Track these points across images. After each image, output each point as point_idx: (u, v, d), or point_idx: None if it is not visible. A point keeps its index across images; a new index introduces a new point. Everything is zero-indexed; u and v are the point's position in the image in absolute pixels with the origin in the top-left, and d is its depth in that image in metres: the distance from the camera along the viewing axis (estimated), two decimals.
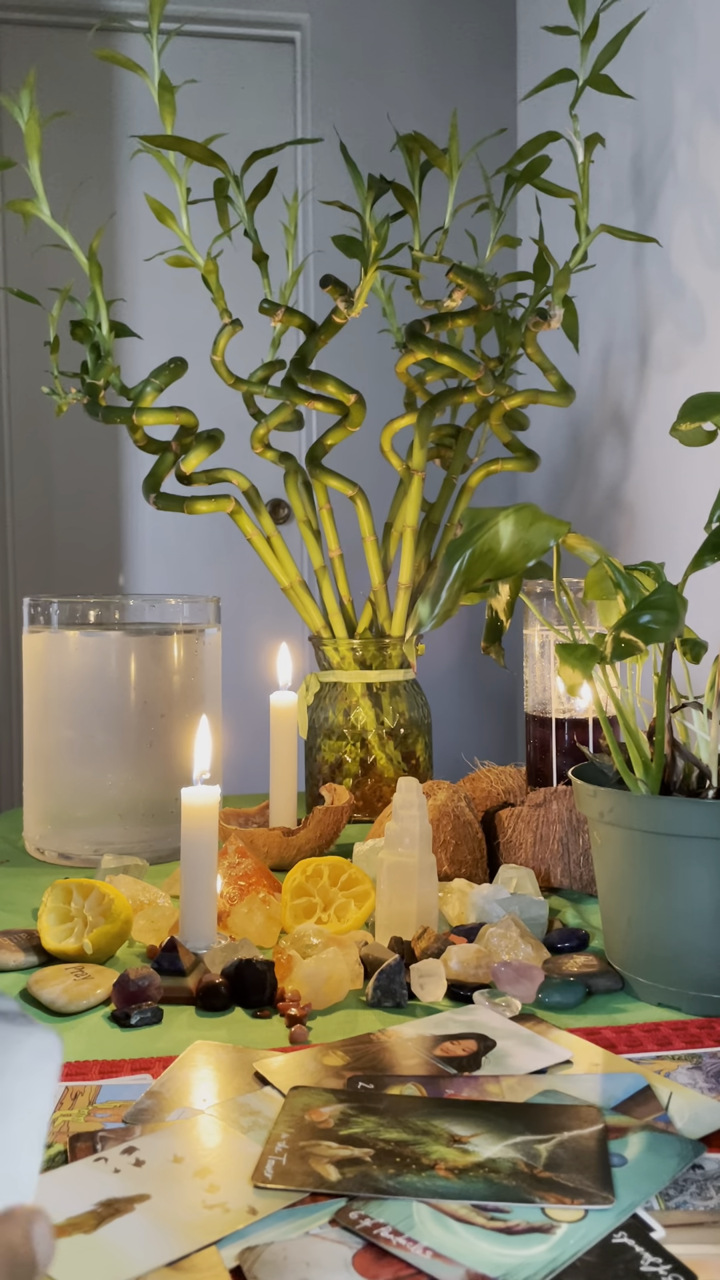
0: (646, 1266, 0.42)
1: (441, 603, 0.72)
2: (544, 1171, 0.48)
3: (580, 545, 0.78)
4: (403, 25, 2.34)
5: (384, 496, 1.47)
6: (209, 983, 0.69)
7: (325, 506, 1.23)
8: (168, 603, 1.09)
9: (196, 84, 2.18)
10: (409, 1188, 0.47)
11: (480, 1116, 0.53)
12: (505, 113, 2.29)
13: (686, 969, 0.67)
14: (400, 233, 2.06)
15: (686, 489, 1.45)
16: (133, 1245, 0.43)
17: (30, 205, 1.14)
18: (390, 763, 1.18)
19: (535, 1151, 0.50)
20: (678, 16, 1.45)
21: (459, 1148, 0.50)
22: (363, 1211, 0.46)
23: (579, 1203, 0.46)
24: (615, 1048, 0.62)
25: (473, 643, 2.39)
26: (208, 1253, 0.43)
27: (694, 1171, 0.49)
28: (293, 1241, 0.44)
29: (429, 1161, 0.49)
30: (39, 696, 1.05)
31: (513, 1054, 0.61)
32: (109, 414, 1.17)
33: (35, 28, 2.27)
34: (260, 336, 1.50)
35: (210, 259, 1.18)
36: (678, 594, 0.67)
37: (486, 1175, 0.48)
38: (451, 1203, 0.46)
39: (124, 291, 2.29)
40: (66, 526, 2.34)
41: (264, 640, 2.02)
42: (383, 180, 1.19)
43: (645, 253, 1.56)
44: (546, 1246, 0.43)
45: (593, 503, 1.77)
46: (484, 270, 1.22)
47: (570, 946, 0.77)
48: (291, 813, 1.05)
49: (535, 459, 1.26)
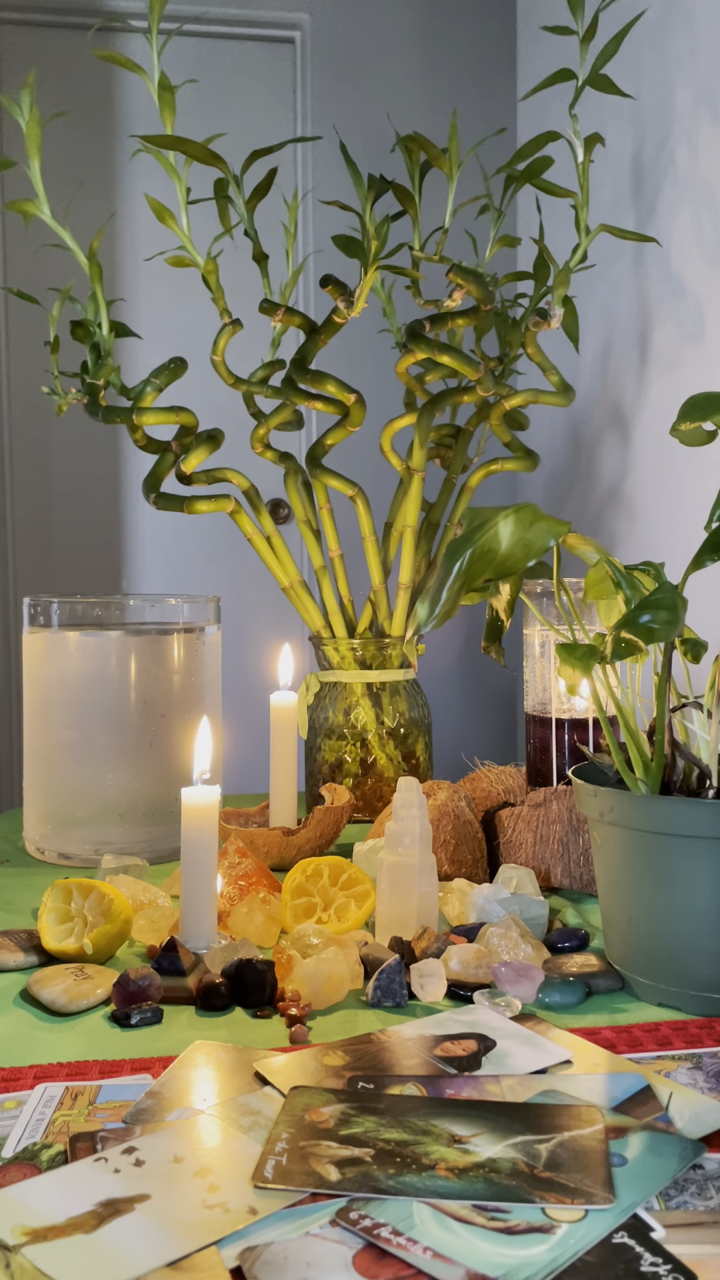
0: (647, 1266, 0.42)
1: (441, 603, 0.72)
2: (544, 1171, 0.48)
3: (580, 545, 0.78)
4: (403, 25, 2.34)
5: (384, 496, 1.47)
6: (209, 983, 0.69)
7: (325, 506, 1.23)
8: (168, 602, 1.09)
9: (196, 84, 2.18)
10: (409, 1188, 0.47)
11: (480, 1116, 0.53)
12: (505, 113, 2.29)
13: (686, 969, 0.67)
14: (400, 233, 2.06)
15: (686, 489, 1.45)
16: (133, 1245, 0.43)
17: (30, 205, 1.14)
18: (390, 763, 1.18)
19: (535, 1151, 0.50)
20: (677, 16, 1.45)
21: (459, 1148, 0.50)
22: (363, 1211, 0.46)
23: (579, 1203, 0.46)
24: (615, 1048, 0.62)
25: (473, 643, 2.39)
26: (208, 1253, 0.43)
27: (694, 1171, 0.49)
28: (293, 1241, 0.44)
29: (429, 1161, 0.49)
30: (39, 697, 1.05)
31: (513, 1054, 0.61)
32: (109, 414, 1.17)
33: (35, 28, 2.27)
34: (260, 336, 1.50)
35: (210, 259, 1.18)
36: (678, 594, 0.67)
37: (487, 1175, 0.48)
38: (452, 1203, 0.46)
39: (124, 291, 2.29)
40: (66, 526, 2.34)
41: (264, 640, 2.02)
42: (383, 180, 1.19)
43: (645, 252, 1.56)
44: (547, 1246, 0.43)
45: (593, 502, 1.78)
46: (484, 270, 1.22)
47: (570, 946, 0.77)
48: (291, 813, 1.05)
49: (535, 459, 1.26)
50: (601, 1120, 0.53)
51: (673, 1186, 0.48)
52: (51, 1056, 0.62)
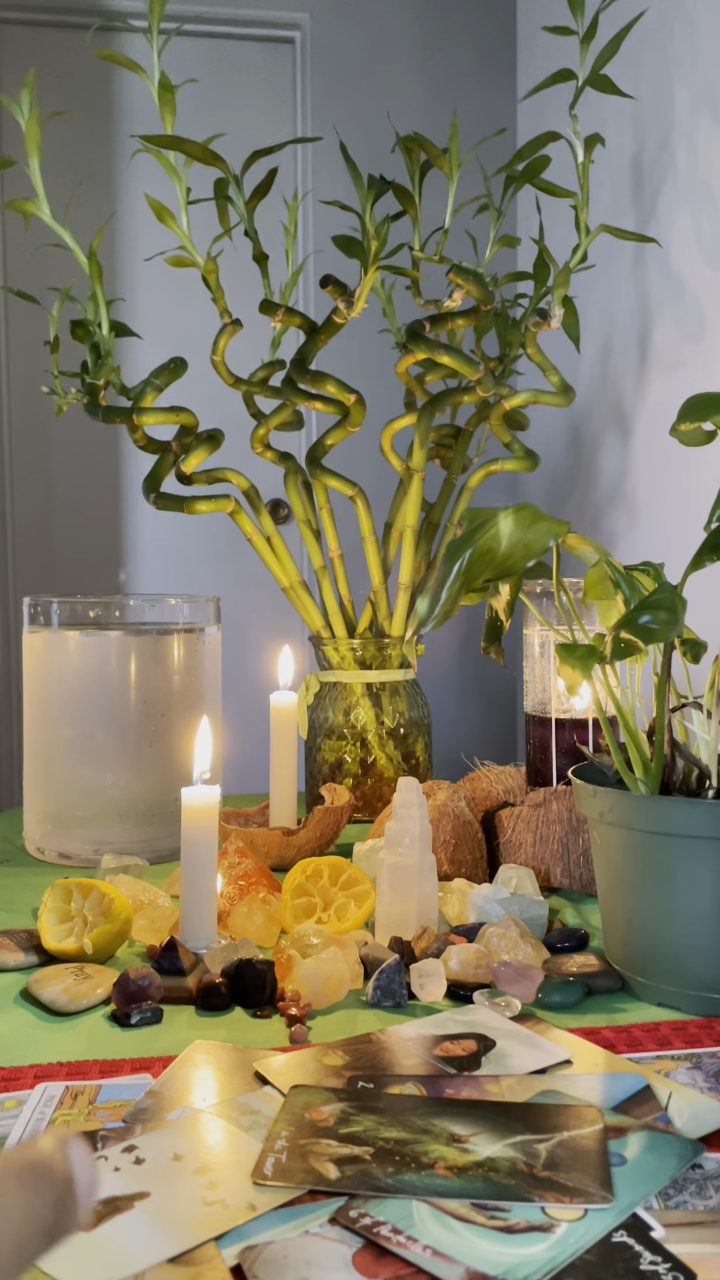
0: (646, 1265, 0.42)
1: (441, 603, 0.72)
2: (544, 1171, 0.48)
3: (580, 545, 0.78)
4: (403, 25, 2.34)
5: (384, 496, 1.47)
6: (209, 982, 0.69)
7: (325, 506, 1.23)
8: (168, 602, 1.09)
9: (196, 83, 2.18)
10: (408, 1186, 0.47)
11: (480, 1116, 0.53)
12: (505, 113, 2.29)
13: (686, 969, 0.67)
14: (400, 233, 2.07)
15: (686, 489, 1.45)
16: (131, 1242, 0.43)
17: (30, 205, 1.14)
18: (390, 763, 1.18)
19: (535, 1151, 0.50)
20: (677, 16, 1.45)
21: (458, 1147, 0.50)
22: (362, 1210, 0.46)
23: (578, 1202, 0.46)
24: (615, 1047, 0.62)
25: (473, 643, 2.39)
26: (207, 1249, 0.43)
27: (694, 1171, 0.49)
28: (293, 1240, 0.44)
29: (428, 1160, 0.49)
30: (39, 696, 1.05)
31: (513, 1054, 0.61)
32: (109, 414, 1.17)
33: (35, 27, 2.27)
34: (260, 336, 1.50)
35: (210, 259, 1.18)
36: (677, 594, 0.67)
37: (486, 1174, 0.48)
38: (451, 1201, 0.46)
39: (124, 291, 2.29)
40: (66, 526, 2.34)
41: (264, 640, 2.02)
42: (383, 180, 1.19)
43: (645, 252, 1.56)
44: (546, 1245, 0.43)
45: (592, 503, 1.78)
46: (484, 270, 1.22)
47: (570, 946, 0.77)
48: (291, 813, 1.05)
49: (535, 459, 1.26)
50: (601, 1120, 0.53)
51: (672, 1186, 0.48)
52: (51, 1056, 0.62)
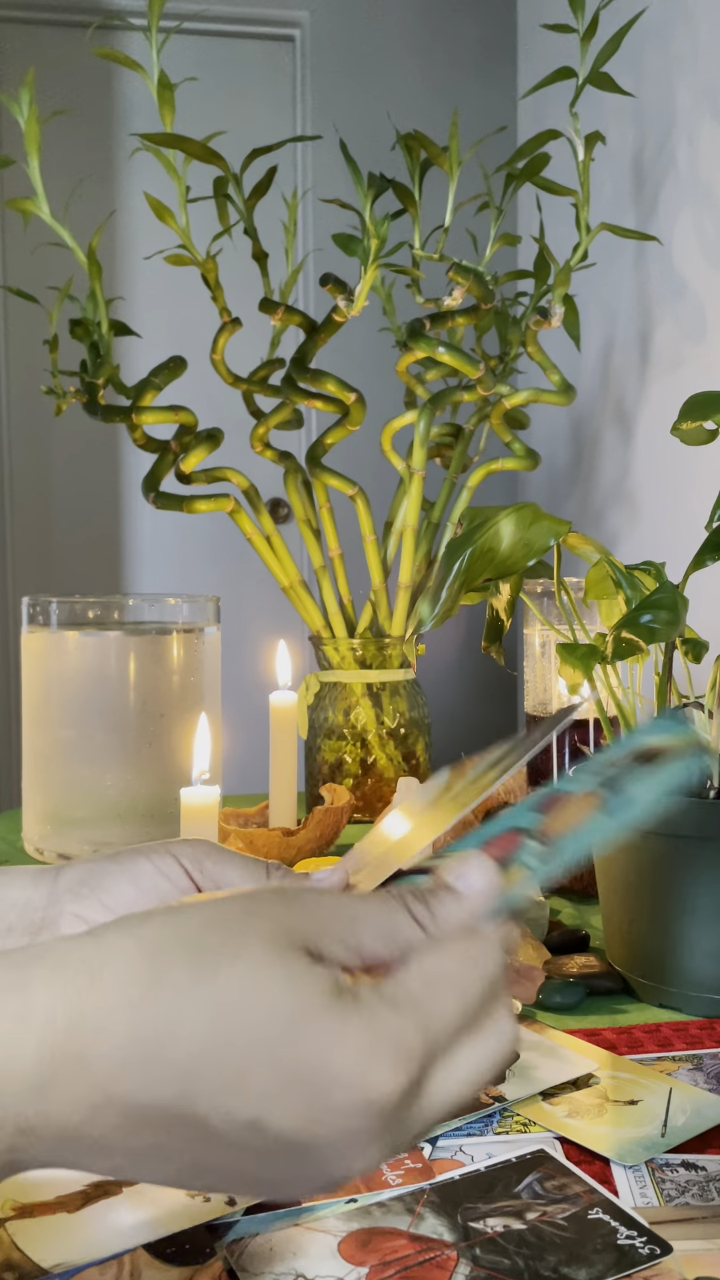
0: (623, 1239, 0.43)
1: (441, 602, 0.72)
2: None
3: (581, 544, 0.77)
4: (403, 23, 2.34)
5: (384, 496, 1.47)
6: None
7: (325, 506, 1.23)
8: (167, 602, 1.09)
9: (196, 82, 2.17)
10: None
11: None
12: (505, 111, 2.29)
13: (687, 969, 0.67)
14: (400, 231, 2.06)
15: (687, 488, 1.45)
16: (111, 1226, 0.44)
17: (29, 203, 1.14)
18: (390, 763, 1.18)
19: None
20: (678, 14, 1.45)
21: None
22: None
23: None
24: (616, 1049, 0.62)
25: (473, 643, 2.38)
26: (200, 1243, 0.44)
27: (694, 1172, 0.49)
28: (279, 1232, 0.44)
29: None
30: (38, 696, 1.05)
31: (536, 1065, 0.60)
32: (108, 413, 1.16)
33: (35, 25, 2.27)
34: (260, 335, 1.50)
35: (209, 257, 1.18)
36: (679, 593, 0.67)
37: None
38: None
39: (123, 290, 2.29)
40: (65, 526, 2.34)
41: (264, 640, 2.01)
42: (383, 178, 1.19)
43: (646, 251, 1.56)
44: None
45: (593, 502, 1.77)
46: (484, 269, 1.22)
47: (570, 947, 0.77)
48: (291, 813, 1.04)
49: (536, 458, 1.26)
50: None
51: (672, 1186, 0.48)
52: None
